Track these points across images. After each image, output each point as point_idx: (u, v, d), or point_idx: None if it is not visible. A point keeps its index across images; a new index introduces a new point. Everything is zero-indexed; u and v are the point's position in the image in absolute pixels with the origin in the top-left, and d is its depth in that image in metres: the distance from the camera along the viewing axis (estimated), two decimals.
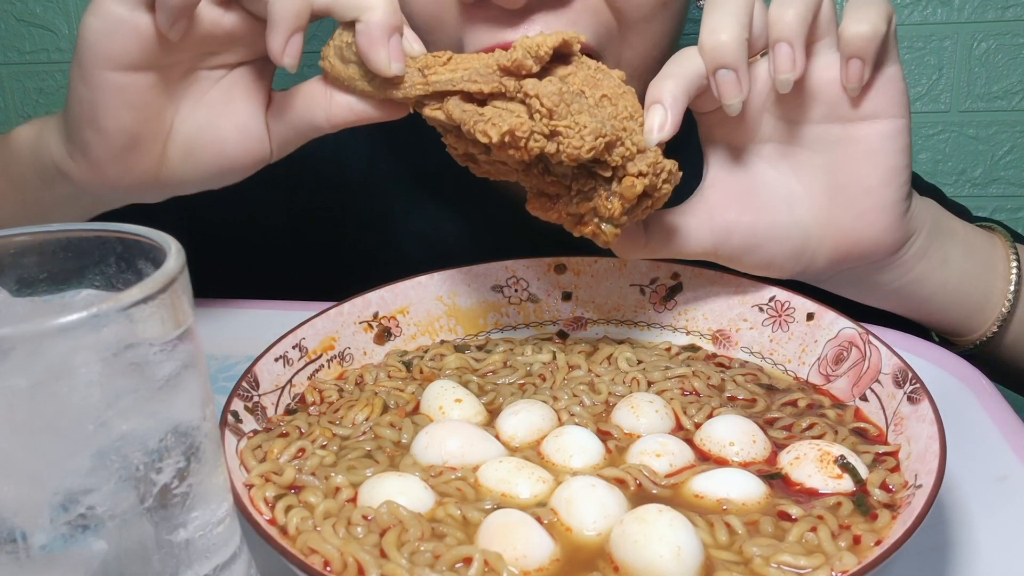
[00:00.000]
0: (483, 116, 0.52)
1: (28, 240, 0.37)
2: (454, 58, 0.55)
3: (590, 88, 0.53)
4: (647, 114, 0.53)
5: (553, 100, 0.51)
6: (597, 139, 0.50)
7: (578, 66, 0.54)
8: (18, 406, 0.30)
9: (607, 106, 0.53)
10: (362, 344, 0.62)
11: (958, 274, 0.64)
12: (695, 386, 0.56)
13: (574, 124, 0.51)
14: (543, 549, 0.41)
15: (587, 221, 0.55)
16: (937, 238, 0.63)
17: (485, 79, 0.53)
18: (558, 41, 0.52)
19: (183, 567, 0.34)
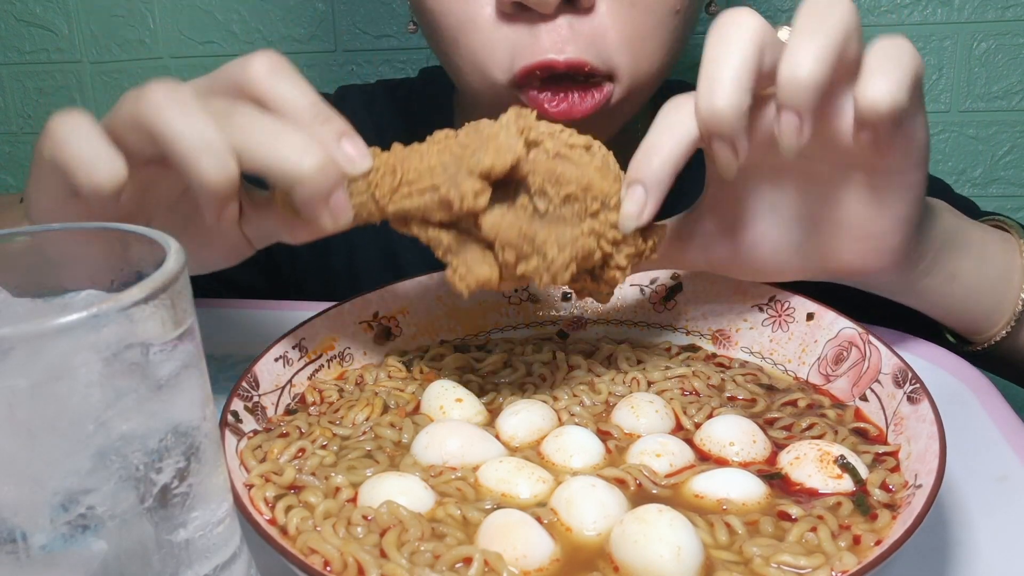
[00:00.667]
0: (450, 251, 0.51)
1: (28, 240, 0.37)
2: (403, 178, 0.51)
3: (552, 185, 0.49)
4: (626, 197, 0.50)
5: (515, 244, 0.49)
6: (567, 269, 0.49)
7: (535, 159, 0.50)
8: (18, 406, 0.30)
9: (573, 204, 0.50)
10: (362, 344, 0.62)
11: (966, 287, 0.62)
12: (695, 386, 0.56)
13: (541, 262, 0.49)
14: (543, 549, 0.41)
15: (579, 291, 0.55)
16: (946, 255, 0.60)
17: (442, 213, 0.50)
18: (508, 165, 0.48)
19: (183, 567, 0.34)
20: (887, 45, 0.48)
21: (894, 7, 1.23)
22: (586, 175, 0.50)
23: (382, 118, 0.96)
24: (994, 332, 0.65)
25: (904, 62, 0.47)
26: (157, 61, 1.44)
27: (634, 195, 0.50)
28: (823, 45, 0.46)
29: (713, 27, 0.49)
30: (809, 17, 0.47)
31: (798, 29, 0.47)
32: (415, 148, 0.52)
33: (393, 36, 1.36)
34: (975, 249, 0.62)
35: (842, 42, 0.47)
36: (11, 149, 1.55)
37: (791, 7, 1.25)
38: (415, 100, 0.96)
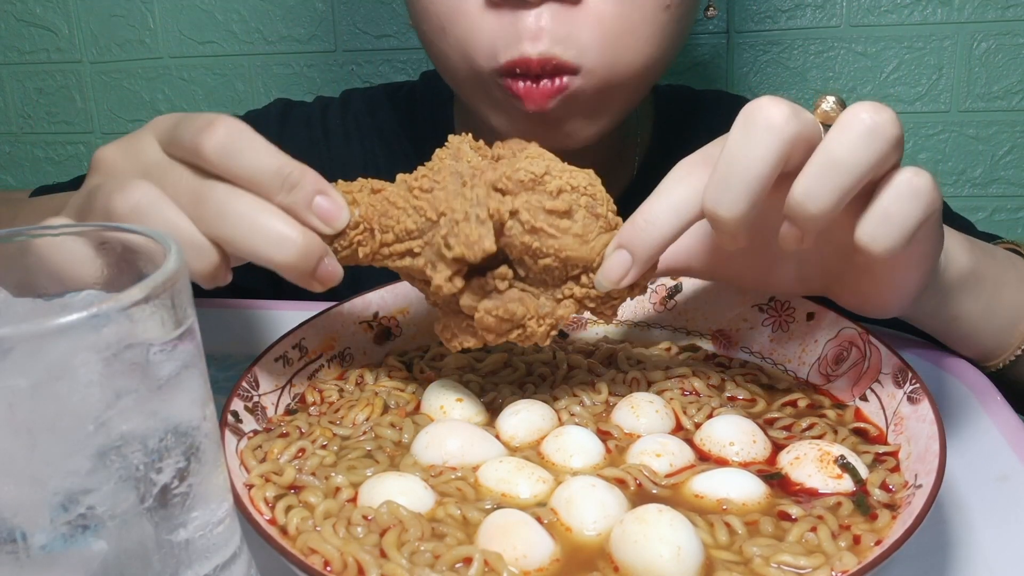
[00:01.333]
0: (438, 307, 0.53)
1: (28, 240, 0.37)
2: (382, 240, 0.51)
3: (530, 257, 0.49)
4: (609, 257, 0.49)
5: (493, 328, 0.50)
6: (549, 335, 0.51)
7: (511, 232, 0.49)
8: (18, 406, 0.30)
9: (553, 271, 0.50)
10: (362, 344, 0.62)
11: (969, 327, 0.61)
12: (695, 386, 0.56)
13: (522, 332, 0.51)
14: (543, 549, 0.41)
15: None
16: (953, 299, 0.59)
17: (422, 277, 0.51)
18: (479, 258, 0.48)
19: (183, 567, 0.34)
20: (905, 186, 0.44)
21: (894, 7, 1.23)
22: (564, 245, 0.49)
23: (385, 122, 0.96)
24: (994, 363, 0.65)
25: (914, 209, 0.44)
26: (157, 61, 1.44)
27: (619, 259, 0.48)
28: (844, 181, 0.43)
29: (745, 114, 0.45)
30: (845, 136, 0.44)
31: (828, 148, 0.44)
32: (385, 197, 0.51)
33: (393, 36, 1.36)
34: (986, 293, 0.61)
35: (867, 175, 0.44)
36: (11, 149, 1.55)
37: (790, 7, 1.25)
38: (416, 104, 0.96)
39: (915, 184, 0.44)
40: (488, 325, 0.50)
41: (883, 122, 0.44)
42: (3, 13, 1.47)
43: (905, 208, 0.44)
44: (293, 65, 1.40)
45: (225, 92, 1.43)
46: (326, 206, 0.49)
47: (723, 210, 0.45)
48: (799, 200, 0.44)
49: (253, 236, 0.47)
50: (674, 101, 0.95)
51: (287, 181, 0.48)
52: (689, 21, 0.75)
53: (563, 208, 0.49)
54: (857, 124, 0.43)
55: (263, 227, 0.47)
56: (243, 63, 1.42)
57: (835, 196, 0.44)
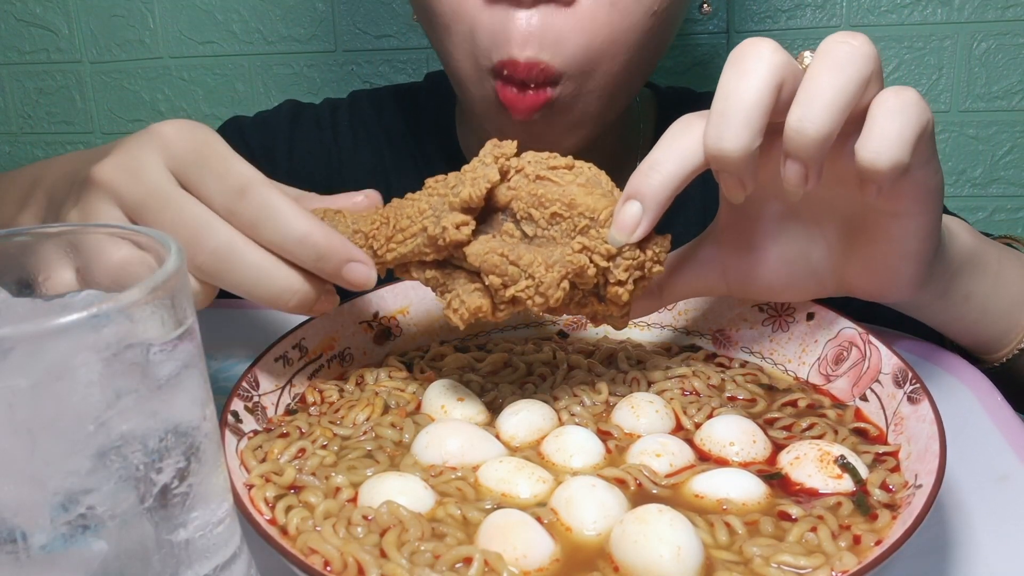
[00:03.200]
0: (445, 287, 0.52)
1: (28, 240, 0.37)
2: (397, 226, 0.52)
3: (536, 208, 0.50)
4: (620, 209, 0.49)
5: (500, 271, 0.49)
6: (559, 287, 0.49)
7: (517, 184, 0.50)
8: (18, 406, 0.30)
9: (560, 223, 0.50)
10: (362, 344, 0.62)
11: (979, 308, 0.62)
12: (695, 386, 0.56)
13: (530, 282, 0.49)
14: (543, 549, 0.41)
15: (593, 317, 0.53)
16: (961, 277, 0.59)
17: (432, 250, 0.51)
18: (483, 192, 0.49)
19: (183, 567, 0.34)
20: (893, 100, 0.45)
21: (894, 7, 1.23)
22: (569, 192, 0.50)
23: (391, 123, 0.97)
24: (1004, 352, 0.65)
25: (909, 119, 0.45)
26: (157, 61, 1.44)
27: (629, 210, 0.48)
28: (834, 98, 0.45)
29: (732, 57, 0.46)
30: (826, 62, 0.45)
31: (813, 75, 0.45)
32: (410, 197, 0.53)
33: (393, 36, 1.36)
34: (991, 271, 0.61)
35: (856, 94, 0.45)
36: (11, 149, 1.55)
37: (790, 7, 1.25)
38: (421, 106, 0.97)
39: (902, 97, 0.45)
40: (494, 265, 0.49)
41: (858, 43, 0.45)
42: (3, 13, 1.47)
43: (899, 120, 0.45)
44: (293, 65, 1.40)
45: (225, 92, 1.43)
46: (357, 273, 0.51)
47: (726, 143, 0.46)
48: (795, 127, 0.45)
49: (253, 286, 0.49)
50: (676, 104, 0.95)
51: (314, 251, 0.49)
52: (675, 26, 0.76)
53: (566, 164, 0.51)
54: (834, 48, 0.45)
55: (265, 279, 0.49)
56: (243, 63, 1.42)
57: (828, 115, 0.45)
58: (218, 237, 0.48)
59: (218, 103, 1.43)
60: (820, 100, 0.45)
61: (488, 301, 0.50)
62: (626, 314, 0.53)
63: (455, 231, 0.49)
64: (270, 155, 0.95)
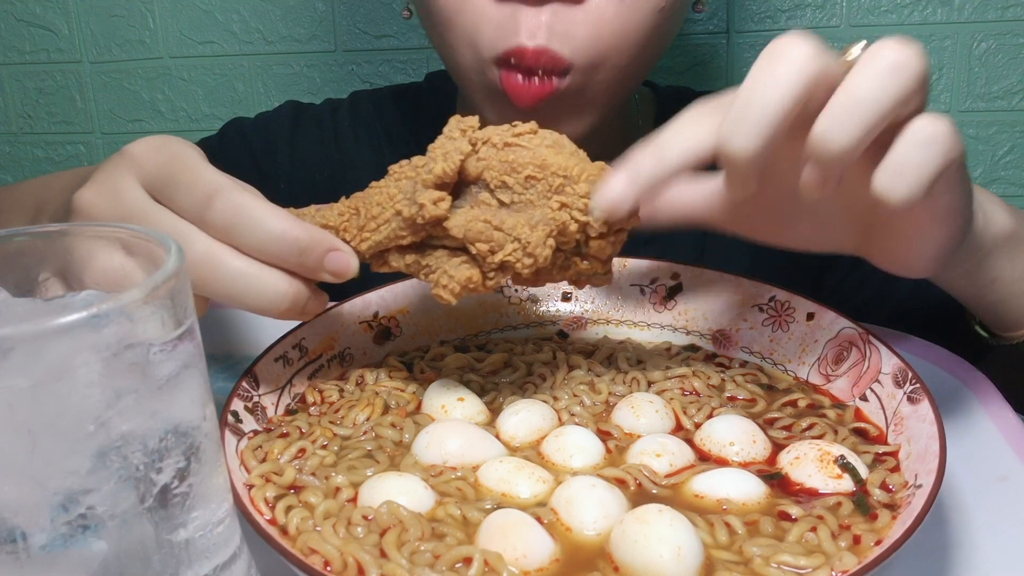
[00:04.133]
0: (429, 268, 0.51)
1: (28, 240, 0.37)
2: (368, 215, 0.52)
3: (509, 175, 0.49)
4: (607, 182, 0.47)
5: (485, 236, 0.48)
6: (546, 243, 0.48)
7: (487, 155, 0.50)
8: (18, 406, 0.30)
9: (536, 185, 0.49)
10: (362, 344, 0.62)
11: (1004, 291, 0.60)
12: (695, 386, 0.56)
13: (517, 245, 0.48)
14: (543, 549, 0.41)
15: (577, 280, 0.53)
16: (991, 261, 0.58)
17: (409, 232, 0.51)
18: (457, 165, 0.49)
19: (183, 567, 0.34)
20: (922, 132, 0.43)
21: (894, 7, 1.23)
22: (539, 154, 0.50)
23: (392, 123, 0.97)
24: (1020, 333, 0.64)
25: (933, 155, 0.43)
26: (157, 61, 1.44)
27: (615, 184, 0.47)
28: (866, 116, 0.42)
29: (768, 50, 0.44)
30: (869, 72, 0.42)
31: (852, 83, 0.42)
32: (375, 185, 0.53)
33: (393, 36, 1.36)
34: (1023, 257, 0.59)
35: (891, 111, 0.42)
36: (11, 149, 1.55)
37: (790, 7, 1.25)
38: (421, 105, 0.97)
39: (932, 131, 0.43)
40: (479, 232, 0.48)
41: (907, 58, 0.42)
42: (3, 13, 1.47)
43: (921, 156, 0.43)
44: (293, 65, 1.40)
45: (225, 92, 1.43)
46: (337, 261, 0.51)
47: (737, 143, 0.44)
48: (820, 137, 0.43)
49: (240, 294, 0.49)
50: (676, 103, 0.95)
51: (295, 246, 0.49)
52: (678, 23, 0.76)
53: (530, 129, 0.51)
54: (880, 60, 0.42)
55: (251, 286, 0.49)
56: (243, 63, 1.42)
57: (857, 133, 0.42)
58: (196, 247, 0.48)
59: (218, 103, 1.43)
60: (851, 115, 0.42)
61: (477, 271, 0.50)
62: (609, 270, 0.53)
63: (433, 207, 0.49)
64: (272, 156, 0.95)
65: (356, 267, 0.51)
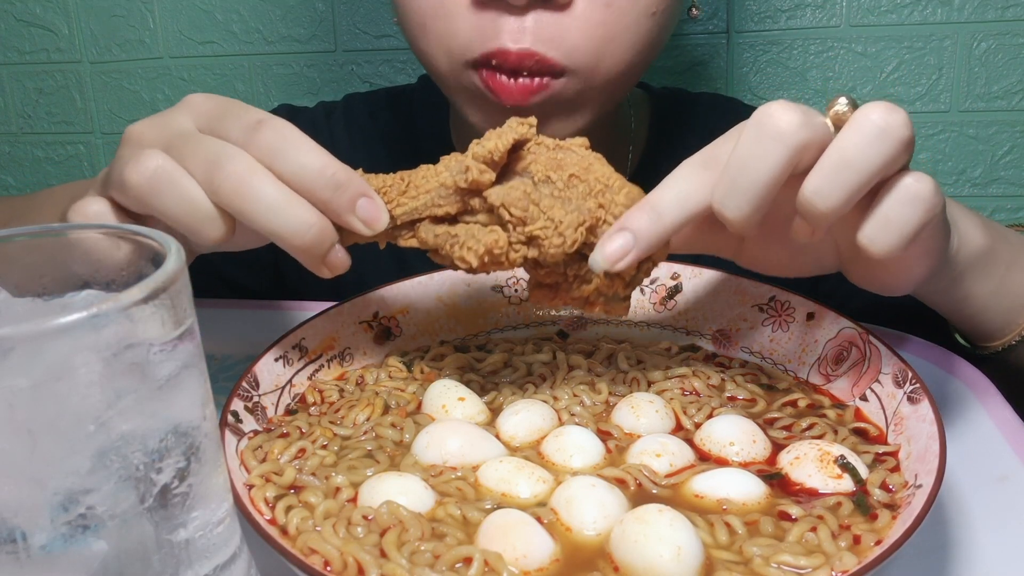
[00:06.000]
0: (456, 238, 0.51)
1: (28, 240, 0.37)
2: (411, 183, 0.53)
3: (555, 171, 0.50)
4: (609, 238, 0.48)
5: (522, 205, 0.49)
6: (577, 230, 0.49)
7: (536, 151, 0.51)
8: (18, 406, 0.30)
9: (577, 185, 0.50)
10: (362, 344, 0.62)
11: (978, 306, 0.62)
12: (695, 386, 0.56)
13: (549, 223, 0.49)
14: (543, 549, 0.41)
15: (593, 301, 0.53)
16: (965, 281, 0.59)
17: (448, 200, 0.51)
18: (510, 142, 0.50)
19: (183, 567, 0.34)
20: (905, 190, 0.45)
21: (894, 7, 1.23)
22: (586, 160, 0.51)
23: (386, 126, 0.96)
24: (1000, 343, 0.65)
25: (915, 214, 0.45)
26: (157, 61, 1.44)
27: (620, 239, 0.48)
28: (852, 179, 0.44)
29: (757, 120, 0.45)
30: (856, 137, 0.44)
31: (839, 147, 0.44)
32: (424, 167, 0.53)
33: (393, 36, 1.36)
34: (997, 275, 0.61)
35: (877, 175, 0.44)
36: (11, 149, 1.55)
37: (790, 7, 1.25)
38: (416, 107, 0.97)
39: (916, 190, 0.45)
40: (516, 199, 0.49)
41: (894, 123, 0.44)
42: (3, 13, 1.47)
43: (905, 214, 0.45)
44: (293, 65, 1.40)
45: (225, 92, 1.43)
46: (368, 208, 0.51)
47: (730, 212, 0.46)
48: (809, 198, 0.45)
49: (272, 216, 0.49)
50: (670, 104, 0.95)
51: (332, 181, 0.49)
52: (671, 25, 0.76)
53: (584, 143, 0.52)
54: (868, 125, 0.44)
55: (283, 209, 0.49)
56: (243, 63, 1.42)
57: (844, 195, 0.44)
58: (238, 162, 0.49)
59: None
60: (839, 177, 0.44)
61: (504, 237, 0.50)
62: (627, 297, 0.52)
63: (478, 173, 0.49)
64: None
65: (386, 221, 0.51)
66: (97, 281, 0.38)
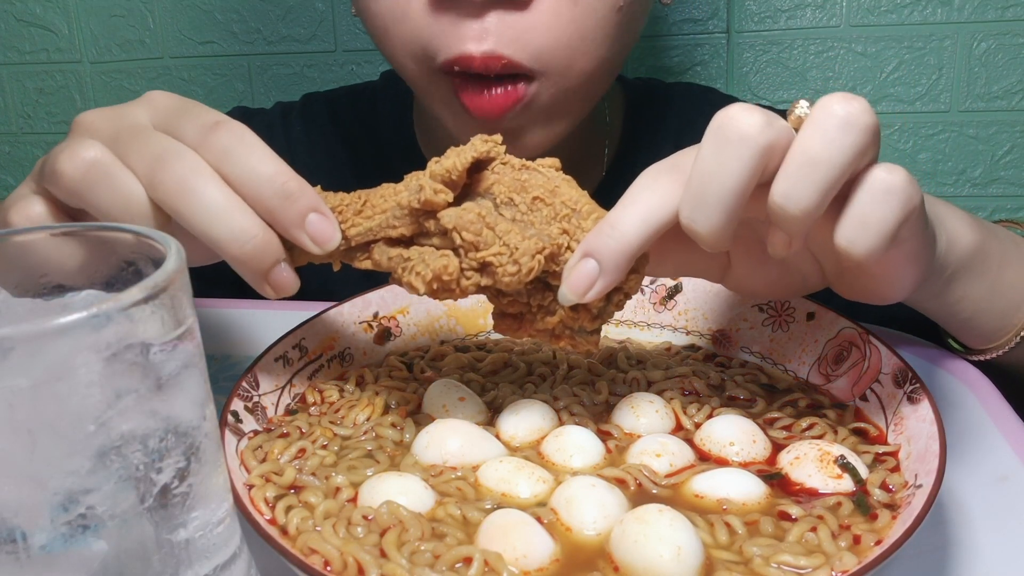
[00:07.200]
0: (409, 261, 0.48)
1: (28, 240, 0.37)
2: (368, 202, 0.50)
3: (518, 193, 0.48)
4: (573, 266, 0.46)
5: (475, 229, 0.46)
6: (534, 258, 0.46)
7: (501, 172, 0.49)
8: (18, 406, 0.30)
9: (542, 208, 0.47)
10: (362, 344, 0.62)
11: (973, 309, 0.60)
12: (695, 386, 0.56)
13: (504, 249, 0.46)
14: (543, 549, 0.41)
15: (559, 335, 0.50)
16: (957, 282, 0.58)
17: (402, 221, 0.49)
18: (468, 161, 0.47)
19: (183, 567, 0.34)
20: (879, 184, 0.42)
21: (894, 7, 1.23)
22: (553, 181, 0.48)
23: (348, 125, 0.94)
24: (995, 346, 0.64)
25: (892, 207, 0.42)
26: (157, 61, 1.44)
27: (584, 268, 0.45)
28: (820, 177, 0.41)
29: (716, 126, 0.43)
30: (818, 132, 0.42)
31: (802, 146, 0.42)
32: (385, 185, 0.51)
33: None
34: (991, 273, 0.59)
35: (846, 169, 0.42)
36: (11, 149, 1.55)
37: (790, 7, 1.25)
38: (378, 104, 0.95)
39: (889, 182, 0.42)
40: (470, 222, 0.46)
41: (856, 112, 0.42)
42: (3, 13, 1.47)
43: (881, 209, 0.42)
44: (293, 65, 1.40)
45: (225, 92, 1.43)
46: (318, 225, 0.48)
47: (700, 226, 0.44)
48: (779, 203, 0.42)
49: (211, 220, 0.46)
50: (644, 95, 0.94)
51: (282, 189, 0.47)
52: (641, 20, 0.74)
53: (552, 164, 0.49)
54: (829, 117, 0.42)
55: (224, 213, 0.46)
56: (243, 63, 1.42)
57: (815, 195, 0.42)
58: (184, 162, 0.47)
59: (218, 103, 1.43)
60: (807, 176, 0.42)
61: (455, 263, 0.47)
62: (597, 331, 0.50)
63: (432, 193, 0.47)
64: None
65: (337, 241, 0.49)
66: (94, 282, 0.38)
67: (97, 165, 0.47)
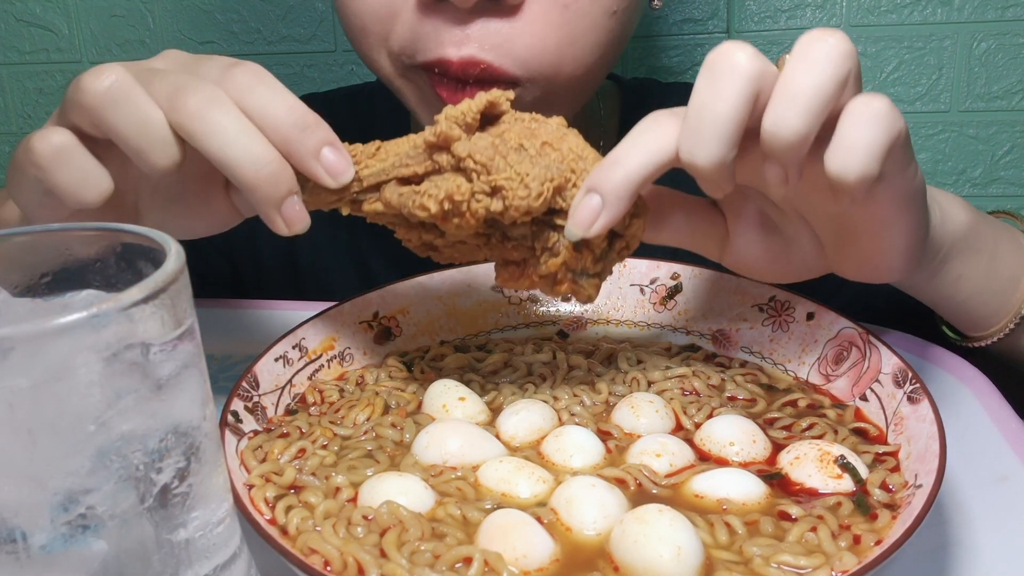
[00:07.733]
0: (419, 192, 0.49)
1: (28, 240, 0.37)
2: (382, 147, 0.51)
3: (528, 139, 0.49)
4: (579, 203, 0.47)
5: (487, 154, 0.47)
6: (544, 184, 0.47)
7: (511, 122, 0.50)
8: (18, 406, 0.30)
9: (550, 152, 0.49)
10: (362, 344, 0.62)
11: (971, 288, 0.61)
12: (695, 386, 0.56)
13: (515, 175, 0.47)
14: (543, 549, 0.41)
15: (561, 279, 0.51)
16: (955, 258, 0.58)
17: (416, 160, 0.50)
18: (483, 104, 0.49)
19: (183, 567, 0.34)
20: (863, 109, 0.44)
21: (894, 7, 1.23)
22: (561, 131, 0.50)
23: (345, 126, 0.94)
24: (994, 331, 0.64)
25: (879, 130, 0.43)
26: None
27: (589, 203, 0.47)
28: (809, 100, 0.43)
29: (707, 63, 0.45)
30: (801, 62, 0.44)
31: (788, 75, 0.44)
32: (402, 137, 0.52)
33: None
34: (987, 251, 0.60)
35: (832, 94, 0.44)
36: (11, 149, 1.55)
37: (790, 7, 1.25)
38: (376, 105, 0.94)
39: (873, 106, 0.44)
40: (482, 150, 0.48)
41: (835, 40, 0.44)
42: (3, 13, 1.47)
43: (868, 131, 0.43)
44: (293, 65, 1.40)
45: None
46: (333, 157, 0.50)
47: (700, 159, 0.45)
48: (770, 131, 0.44)
49: (228, 143, 0.47)
50: (640, 95, 0.94)
51: (299, 120, 0.48)
52: (634, 22, 0.73)
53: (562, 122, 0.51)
54: (811, 47, 0.44)
55: (241, 137, 0.47)
56: None
57: (804, 119, 0.43)
58: (204, 91, 0.47)
59: None
60: (795, 102, 0.43)
61: (466, 185, 0.48)
62: (598, 274, 0.51)
63: (448, 129, 0.48)
64: None
65: (351, 175, 0.50)
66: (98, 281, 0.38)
67: (119, 85, 0.47)
